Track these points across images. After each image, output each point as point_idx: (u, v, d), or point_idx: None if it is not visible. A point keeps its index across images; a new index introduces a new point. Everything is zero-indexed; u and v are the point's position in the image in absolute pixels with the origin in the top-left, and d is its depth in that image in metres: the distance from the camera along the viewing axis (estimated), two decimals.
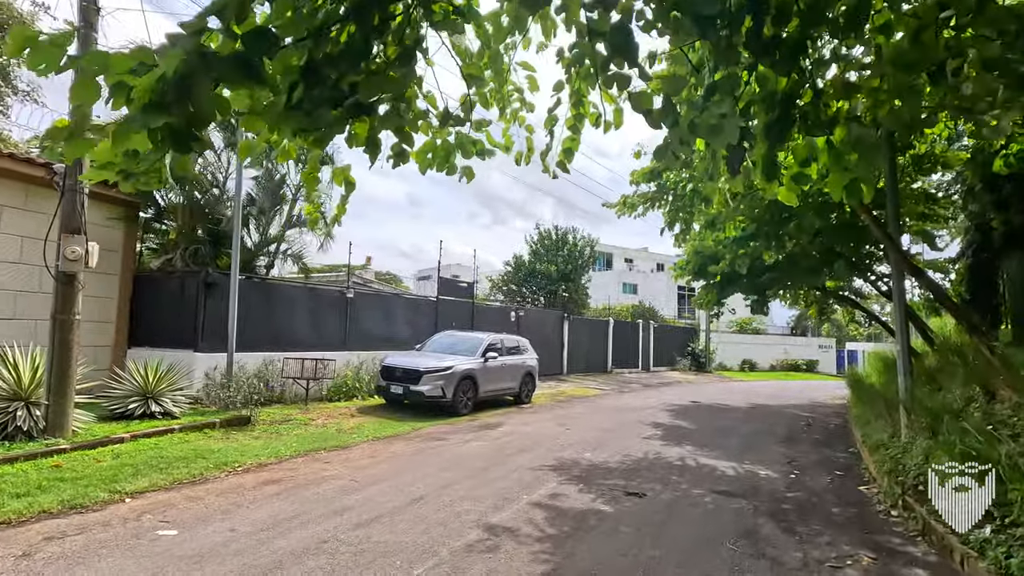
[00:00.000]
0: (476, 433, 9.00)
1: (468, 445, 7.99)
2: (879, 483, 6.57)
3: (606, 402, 14.53)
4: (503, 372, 12.24)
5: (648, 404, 14.44)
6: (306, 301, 12.01)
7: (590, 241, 23.72)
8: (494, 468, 6.63)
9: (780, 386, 23.74)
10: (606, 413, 12.31)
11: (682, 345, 30.48)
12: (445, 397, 10.40)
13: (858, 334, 62.13)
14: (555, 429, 9.70)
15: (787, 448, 9.06)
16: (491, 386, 11.82)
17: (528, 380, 13.28)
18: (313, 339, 11.85)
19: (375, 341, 13.14)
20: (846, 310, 19.31)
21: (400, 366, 10.69)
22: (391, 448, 7.58)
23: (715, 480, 6.61)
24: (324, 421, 9.30)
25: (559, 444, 8.34)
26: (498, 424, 10.01)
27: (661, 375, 25.44)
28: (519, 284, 23.07)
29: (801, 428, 11.57)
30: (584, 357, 22.66)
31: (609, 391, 17.41)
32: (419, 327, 14.31)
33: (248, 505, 4.89)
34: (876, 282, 12.30)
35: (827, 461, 8.15)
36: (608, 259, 46.12)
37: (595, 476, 6.47)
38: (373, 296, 14.23)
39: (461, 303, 16.33)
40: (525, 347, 13.62)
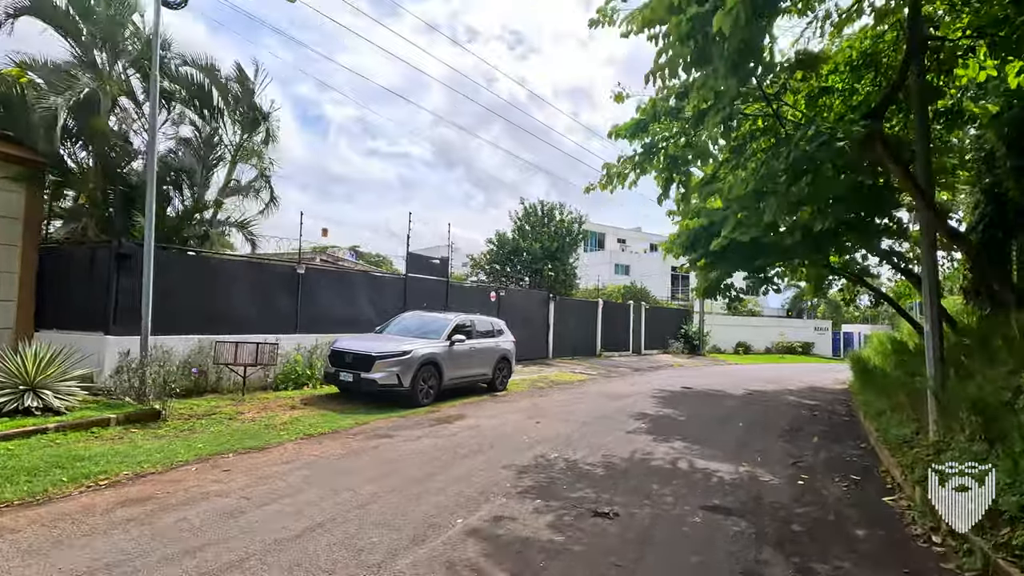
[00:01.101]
0: (431, 428, 7.74)
1: (415, 444, 6.73)
2: (907, 493, 5.35)
3: (590, 388, 13.32)
4: (473, 357, 10.96)
5: (636, 390, 13.24)
6: (249, 278, 10.63)
7: (579, 217, 22.30)
8: (436, 476, 5.37)
9: (777, 369, 22.64)
10: (588, 401, 11.09)
11: (675, 327, 29.32)
12: (401, 386, 9.12)
13: (853, 316, 61.46)
14: (525, 422, 8.45)
15: (790, 444, 7.86)
16: (458, 372, 10.54)
17: (503, 365, 12.01)
18: (258, 320, 10.50)
19: (333, 323, 11.80)
20: (845, 290, 18.08)
21: (351, 350, 9.38)
22: (319, 449, 6.30)
23: (708, 490, 5.37)
24: (256, 414, 8.01)
25: (526, 442, 7.09)
26: (460, 416, 8.76)
27: (652, 359, 24.29)
28: (502, 263, 21.70)
29: (804, 418, 10.39)
30: (571, 340, 21.43)
31: (595, 376, 16.21)
32: (385, 308, 12.98)
33: (70, 542, 3.60)
34: (891, 257, 11.01)
35: (839, 461, 6.94)
36: (600, 239, 44.77)
37: (560, 486, 5.22)
38: (330, 273, 12.84)
39: (434, 282, 14.98)
40: (500, 329, 12.33)
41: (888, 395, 9.40)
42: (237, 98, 11.02)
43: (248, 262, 10.96)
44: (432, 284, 14.94)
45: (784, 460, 6.80)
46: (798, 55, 6.72)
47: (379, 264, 28.67)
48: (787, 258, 9.84)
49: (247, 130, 10.92)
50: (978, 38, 6.90)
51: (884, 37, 6.84)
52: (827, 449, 7.61)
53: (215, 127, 10.89)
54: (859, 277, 13.35)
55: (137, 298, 8.19)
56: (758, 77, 6.08)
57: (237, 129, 11.08)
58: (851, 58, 6.87)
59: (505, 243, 21.18)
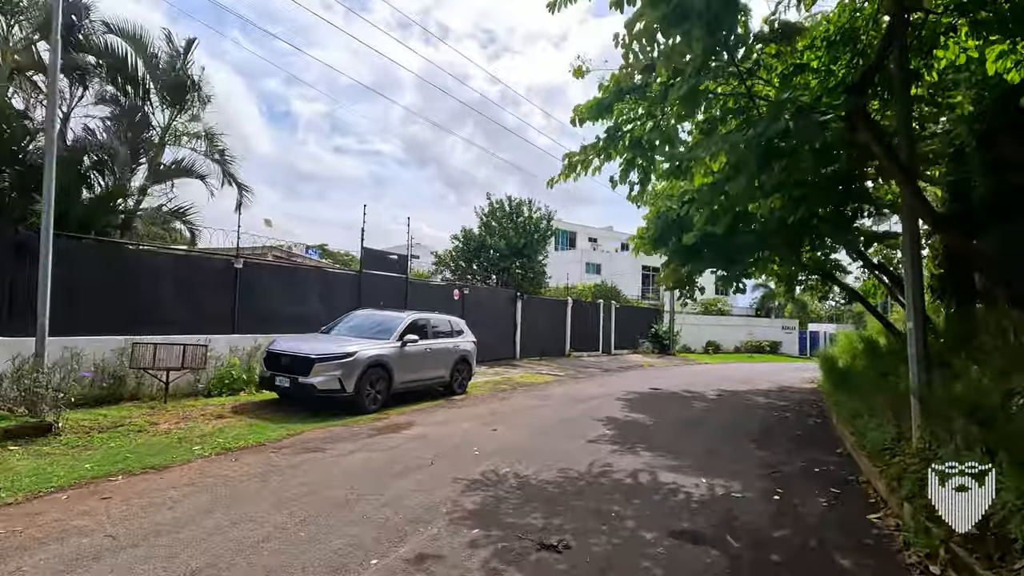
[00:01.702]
0: (372, 439, 6.93)
1: (349, 459, 5.91)
2: (894, 510, 4.81)
3: (556, 391, 12.66)
4: (428, 358, 10.16)
5: (604, 392, 12.64)
6: (179, 272, 9.62)
7: (547, 214, 21.66)
8: (362, 500, 4.58)
9: (747, 369, 22.42)
10: (552, 405, 10.41)
11: (645, 327, 28.99)
12: (344, 391, 8.27)
13: (818, 315, 62.60)
14: (479, 431, 7.71)
15: (764, 451, 7.31)
16: (411, 375, 9.74)
17: (462, 367, 11.25)
18: (188, 320, 9.50)
19: (278, 322, 10.85)
20: (816, 287, 17.87)
21: (288, 352, 8.49)
22: (232, 467, 5.44)
23: (674, 510, 4.72)
24: (173, 425, 7.07)
25: (476, 454, 6.34)
26: (408, 425, 7.96)
27: (622, 358, 23.83)
28: (468, 260, 20.91)
29: (776, 420, 9.92)
30: (539, 340, 20.77)
31: (563, 377, 15.57)
32: (337, 306, 12.05)
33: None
34: (864, 253, 10.64)
35: (816, 470, 6.39)
36: (571, 238, 44.35)
37: (506, 509, 4.49)
38: (275, 268, 11.85)
39: (392, 279, 14.11)
40: (459, 328, 11.56)
41: (862, 396, 8.97)
42: (167, 72, 9.99)
43: (176, 255, 9.94)
44: (390, 281, 14.07)
45: (757, 470, 6.22)
46: (773, 29, 6.15)
47: (348, 263, 27.56)
48: (763, 249, 9.32)
49: (178, 108, 9.88)
50: (960, 16, 6.46)
51: (863, 10, 6.33)
52: (802, 456, 7.09)
53: (140, 104, 9.81)
54: (830, 274, 13.02)
55: (36, 294, 7.14)
56: (731, 47, 5.48)
57: (167, 108, 10.03)
58: (828, 32, 6.35)
59: (471, 239, 20.40)
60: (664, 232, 9.70)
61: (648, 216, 10.14)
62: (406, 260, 14.54)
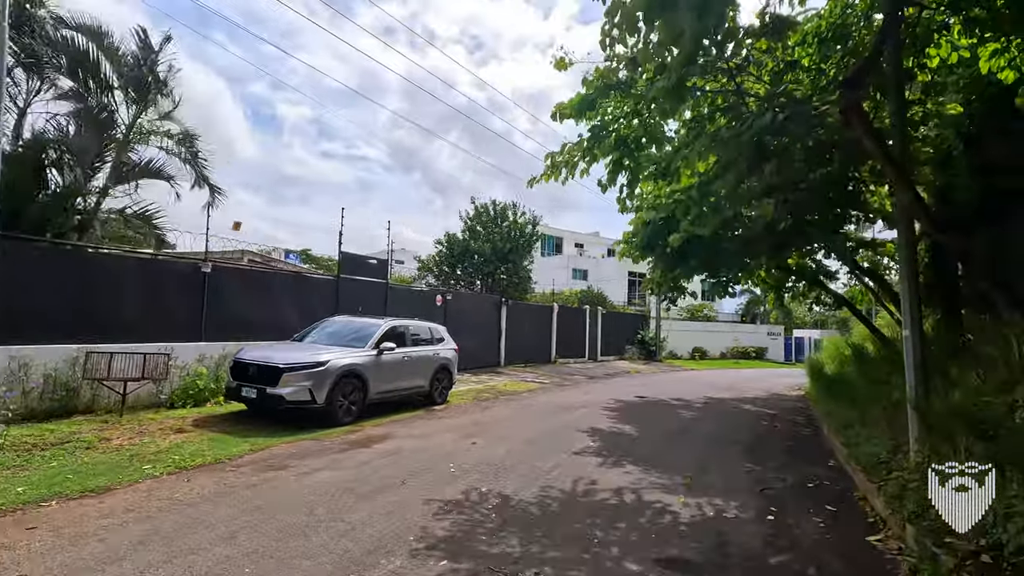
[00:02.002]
0: (342, 454, 6.50)
1: (313, 478, 5.49)
2: (895, 531, 4.50)
3: (540, 400, 12.28)
4: (406, 367, 9.73)
5: (590, 400, 12.30)
6: (140, 277, 9.11)
7: (533, 218, 21.35)
8: (322, 526, 4.17)
9: (733, 376, 22.26)
10: (536, 415, 10.04)
11: (632, 333, 28.80)
12: (315, 402, 7.82)
13: (803, 321, 63.06)
14: (458, 444, 7.31)
15: (755, 463, 7.01)
16: (388, 385, 9.30)
17: (443, 376, 10.83)
18: (151, 327, 8.98)
19: (249, 329, 10.35)
20: (803, 295, 17.74)
21: (255, 361, 8.02)
22: (183, 488, 4.98)
23: (663, 534, 4.37)
24: (126, 441, 6.57)
25: (452, 471, 5.95)
26: (384, 437, 7.54)
27: (609, 365, 23.56)
28: (452, 265, 20.50)
29: (765, 430, 9.65)
30: (525, 346, 20.42)
31: (548, 385, 15.21)
32: (313, 312, 11.56)
33: None
34: (853, 259, 10.45)
35: (809, 485, 6.09)
36: (558, 244, 44.15)
37: (480, 535, 4.11)
38: (246, 273, 11.35)
39: (372, 284, 13.66)
40: (440, 336, 11.16)
41: (853, 405, 8.74)
42: (134, 68, 9.51)
43: (140, 259, 9.43)
44: (370, 287, 13.62)
45: (749, 486, 5.91)
46: (764, 24, 5.90)
47: (331, 268, 26.92)
48: (750, 256, 9.07)
49: (143, 104, 9.41)
50: (953, 14, 6.27)
51: (856, 6, 6.11)
52: (794, 469, 6.79)
53: (104, 101, 9.32)
54: (818, 280, 12.84)
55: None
56: (719, 41, 5.20)
57: (132, 105, 9.55)
58: (820, 28, 6.12)
59: (455, 244, 20.00)
60: (651, 237, 9.42)
61: (634, 221, 9.84)
62: (386, 264, 14.12)
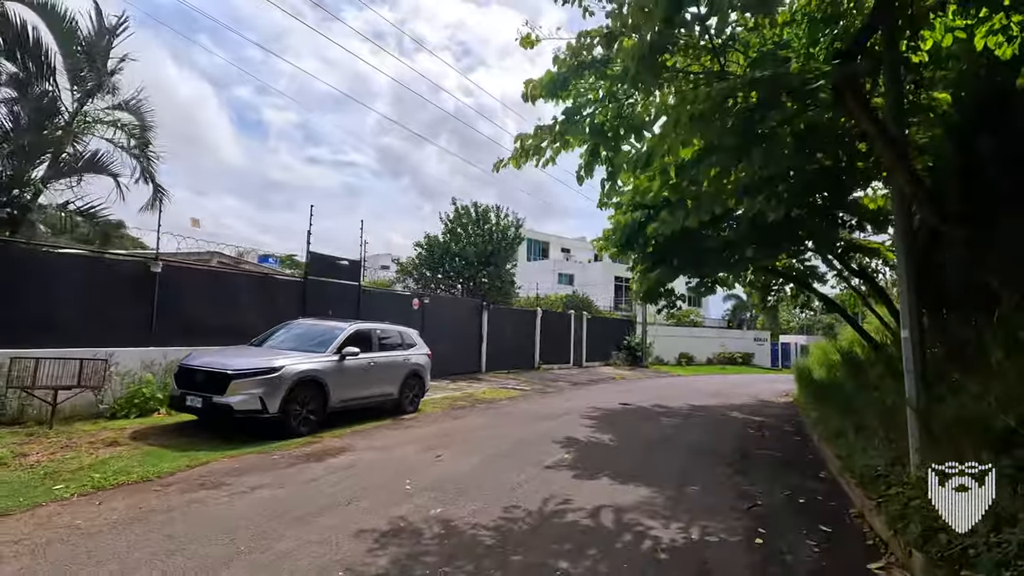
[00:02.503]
0: (290, 470, 5.87)
1: (248, 499, 4.86)
2: (899, 557, 3.99)
3: (519, 408, 11.70)
4: (372, 373, 9.11)
5: (571, 408, 11.74)
6: (82, 277, 8.42)
7: (516, 220, 20.83)
8: (236, 563, 3.55)
9: (720, 381, 21.85)
10: (512, 424, 9.46)
11: (618, 338, 28.33)
12: (266, 411, 7.17)
13: (789, 327, 63.19)
14: (420, 457, 6.71)
15: (741, 476, 6.49)
16: (351, 393, 8.67)
17: (414, 383, 10.22)
18: (93, 331, 8.28)
19: (207, 333, 9.64)
20: (792, 299, 17.36)
21: (202, 367, 7.36)
22: (87, 515, 4.33)
23: (639, 564, 3.80)
24: (46, 457, 5.88)
25: (407, 488, 5.35)
26: (341, 450, 6.91)
27: (593, 371, 23.04)
28: (433, 268, 19.89)
29: (752, 439, 9.15)
30: (507, 352, 19.83)
31: (528, 392, 14.63)
32: (278, 316, 10.85)
33: None
34: (844, 258, 10.03)
35: (800, 501, 5.57)
36: (544, 248, 43.72)
37: (420, 571, 3.52)
38: (204, 273, 10.64)
39: (343, 286, 13.01)
40: (411, 340, 10.55)
41: (845, 412, 8.28)
42: (82, 53, 8.85)
43: (81, 257, 8.72)
44: (340, 289, 12.97)
45: (735, 503, 5.37)
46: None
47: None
48: (735, 254, 8.59)
49: (87, 92, 8.74)
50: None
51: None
52: (783, 482, 6.27)
53: (46, 87, 8.65)
54: (806, 282, 12.44)
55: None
56: (703, 15, 4.71)
57: (78, 92, 8.88)
58: (810, 7, 5.66)
59: (435, 246, 19.40)
60: (630, 235, 8.90)
61: (614, 218, 9.31)
62: (359, 266, 13.47)
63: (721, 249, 8.27)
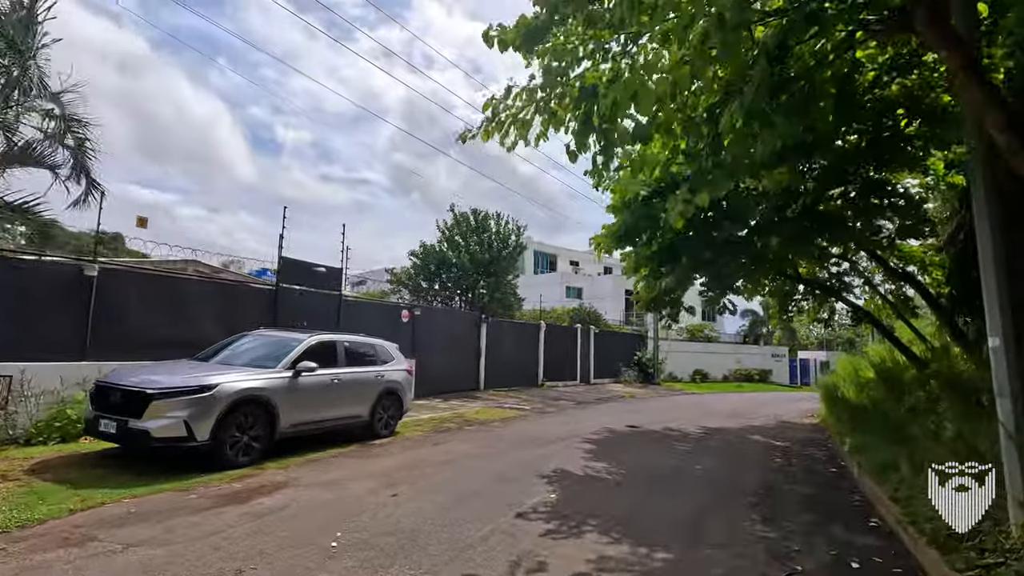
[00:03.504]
0: (196, 516, 4.66)
1: (111, 562, 3.66)
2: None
3: (511, 430, 10.41)
4: (335, 391, 7.92)
5: (570, 431, 10.43)
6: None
7: (517, 227, 19.65)
8: None
9: (736, 400, 20.32)
10: (498, 451, 8.19)
11: (628, 354, 26.87)
12: (192, 438, 5.99)
13: (808, 342, 61.02)
14: (372, 497, 5.47)
15: (769, 525, 5.14)
16: (308, 415, 7.48)
17: (390, 402, 9.01)
18: (13, 343, 7.23)
19: (154, 347, 8.52)
20: (815, 309, 15.91)
21: (120, 385, 6.22)
22: None
23: None
24: None
25: (331, 547, 4.11)
26: (279, 487, 5.70)
27: (601, 388, 21.64)
28: (429, 279, 18.75)
29: (778, 471, 7.77)
30: (508, 368, 18.56)
31: (527, 412, 13.32)
32: (240, 328, 9.72)
33: None
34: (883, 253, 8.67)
35: (853, 566, 4.22)
36: (552, 261, 42.53)
37: None
38: (152, 279, 9.50)
39: (322, 296, 11.91)
40: (388, 354, 9.35)
41: (892, 440, 6.90)
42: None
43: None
44: (320, 299, 11.88)
45: (766, 571, 4.05)
46: None
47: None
48: (759, 244, 7.15)
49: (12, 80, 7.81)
50: None
51: None
52: (826, 535, 4.92)
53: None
54: (832, 289, 11.06)
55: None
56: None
57: None
58: None
59: (431, 256, 18.27)
60: (634, 227, 7.58)
61: (614, 203, 7.99)
62: (340, 274, 12.36)
63: (741, 243, 6.96)
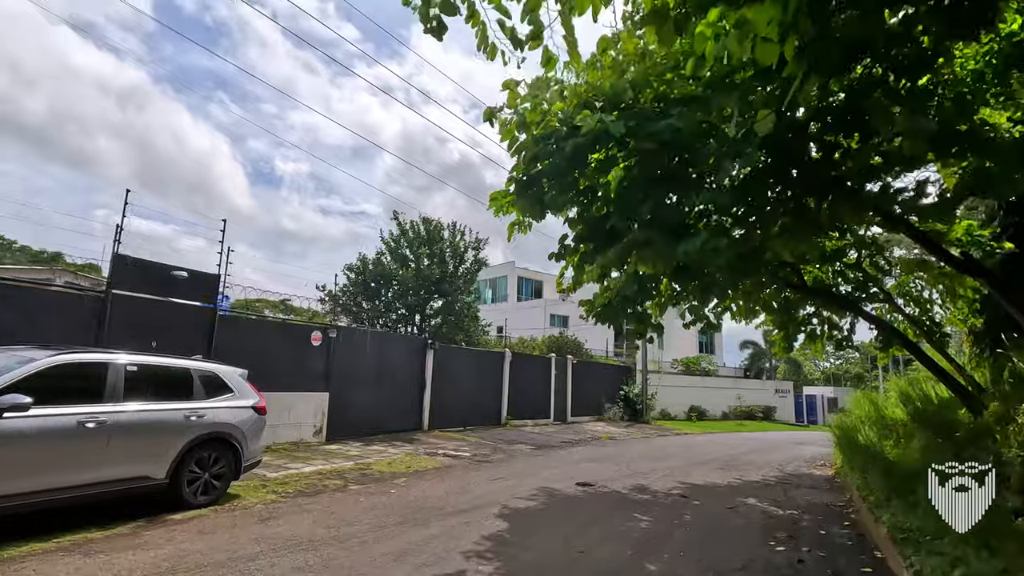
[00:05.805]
0: None
1: None
2: None
3: (412, 494, 7.50)
4: (88, 443, 5.10)
5: (495, 491, 7.56)
6: None
7: (476, 241, 17.07)
8: None
9: (734, 442, 17.26)
10: (339, 540, 5.33)
11: (613, 388, 23.89)
12: None
13: (814, 376, 57.63)
14: None
15: None
16: (18, 482, 4.66)
17: (212, 455, 6.18)
18: None
19: None
20: (822, 336, 13.08)
21: None
22: None
23: None
24: None
25: None
26: None
27: (578, 428, 18.62)
28: (370, 297, 16.03)
29: (784, 566, 4.85)
30: (461, 404, 15.69)
31: (463, 461, 10.39)
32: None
33: None
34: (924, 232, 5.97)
35: None
36: (537, 288, 39.88)
37: None
38: None
39: (185, 308, 9.19)
40: (217, 382, 6.56)
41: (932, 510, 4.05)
42: None
43: None
44: (184, 314, 9.16)
45: None
46: None
47: (310, 320, 21.58)
48: (749, 201, 4.36)
49: None
50: None
51: None
52: None
53: None
54: (851, 301, 8.31)
55: None
56: None
57: None
58: None
59: (366, 267, 15.61)
60: (541, 173, 4.63)
61: (512, 128, 4.96)
62: (215, 282, 9.66)
63: (720, 206, 4.17)
